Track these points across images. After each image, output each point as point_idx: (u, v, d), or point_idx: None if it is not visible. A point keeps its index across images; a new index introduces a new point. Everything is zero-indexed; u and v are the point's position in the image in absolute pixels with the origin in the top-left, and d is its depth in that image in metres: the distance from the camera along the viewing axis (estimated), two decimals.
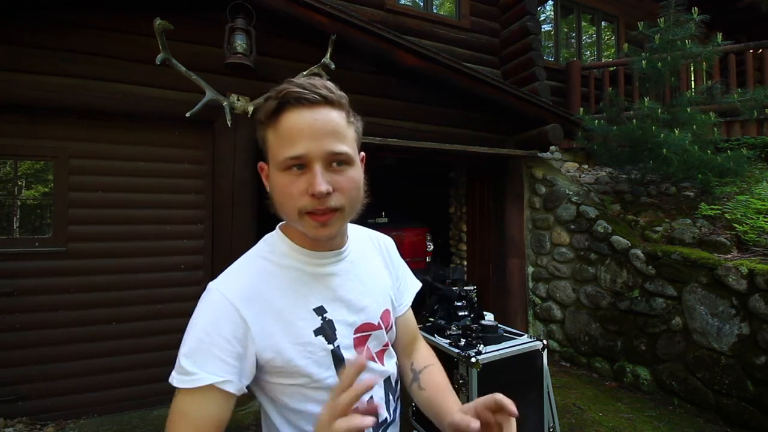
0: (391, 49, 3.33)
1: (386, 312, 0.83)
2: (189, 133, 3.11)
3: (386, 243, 0.93)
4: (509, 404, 0.58)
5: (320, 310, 0.72)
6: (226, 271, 0.72)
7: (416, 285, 0.96)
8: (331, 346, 0.71)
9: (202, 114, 2.86)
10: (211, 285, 0.68)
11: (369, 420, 0.51)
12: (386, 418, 0.79)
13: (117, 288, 2.90)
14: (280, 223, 0.78)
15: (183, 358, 0.62)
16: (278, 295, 0.69)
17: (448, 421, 0.73)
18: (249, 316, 0.65)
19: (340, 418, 0.51)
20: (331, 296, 0.74)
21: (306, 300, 0.71)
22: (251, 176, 3.14)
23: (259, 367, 0.68)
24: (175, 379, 0.62)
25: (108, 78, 2.82)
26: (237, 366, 0.64)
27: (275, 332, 0.67)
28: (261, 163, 0.71)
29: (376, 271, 0.85)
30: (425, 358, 0.94)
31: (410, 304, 0.94)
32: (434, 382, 0.87)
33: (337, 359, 0.72)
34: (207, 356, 0.61)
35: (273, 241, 0.76)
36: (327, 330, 0.71)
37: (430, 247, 5.42)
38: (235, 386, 0.63)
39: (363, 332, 0.78)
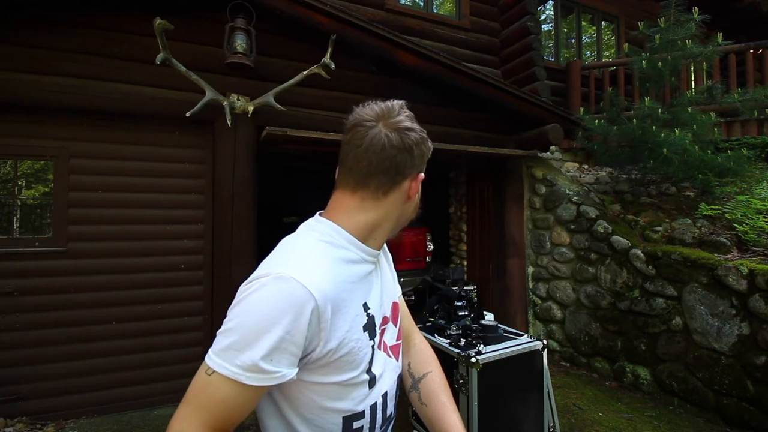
0: (392, 49, 3.33)
1: (395, 305, 0.87)
2: (189, 133, 3.11)
3: None
4: None
5: (366, 306, 0.73)
6: (290, 256, 0.67)
7: (395, 275, 1.01)
8: (372, 342, 0.73)
9: (202, 114, 2.86)
10: (286, 273, 0.62)
11: None
12: (391, 414, 0.81)
13: (117, 288, 2.90)
14: (323, 212, 0.77)
15: (262, 360, 0.59)
16: (343, 288, 0.68)
17: None
18: (326, 311, 0.63)
19: None
20: (372, 292, 0.76)
21: (358, 295, 0.72)
22: (251, 176, 3.14)
23: (310, 361, 0.65)
24: (246, 377, 0.59)
25: (108, 78, 2.82)
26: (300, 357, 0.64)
27: (340, 327, 0.66)
28: (423, 175, 0.78)
29: (385, 268, 0.89)
30: (424, 360, 0.94)
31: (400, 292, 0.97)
32: (436, 399, 0.87)
33: (372, 354, 0.74)
34: (284, 354, 0.60)
35: (327, 231, 0.72)
36: (371, 326, 0.73)
37: (430, 247, 5.42)
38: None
39: (382, 325, 0.80)
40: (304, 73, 3.02)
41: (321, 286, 0.63)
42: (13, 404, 2.66)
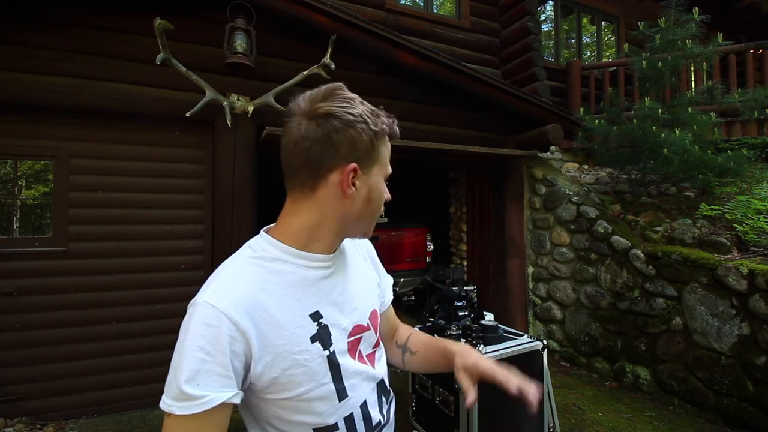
0: (392, 49, 3.33)
1: (374, 312, 0.84)
2: (189, 133, 3.10)
3: (365, 244, 0.93)
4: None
5: (316, 316, 0.70)
6: (212, 281, 0.67)
7: (391, 279, 0.99)
8: (326, 352, 0.69)
9: (202, 114, 2.86)
10: (200, 299, 0.62)
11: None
12: (380, 421, 0.78)
13: (117, 288, 2.90)
14: (266, 228, 0.76)
15: (185, 384, 0.58)
16: (273, 302, 0.66)
17: (457, 361, 0.81)
18: (247, 327, 0.61)
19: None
20: (326, 300, 0.72)
21: (301, 305, 0.69)
22: (251, 176, 3.14)
23: (253, 380, 0.65)
24: (177, 407, 0.58)
25: (108, 78, 2.82)
26: (239, 376, 0.62)
27: (272, 342, 0.64)
28: (356, 165, 0.68)
29: (361, 272, 0.85)
30: (405, 330, 1.00)
31: (392, 298, 0.98)
32: (422, 341, 0.95)
33: (333, 365, 0.70)
34: (211, 376, 0.59)
35: (261, 245, 0.71)
36: (323, 335, 0.70)
37: (430, 247, 5.42)
38: (240, 396, 0.63)
39: (355, 335, 0.76)
40: (304, 73, 3.02)
41: (235, 304, 0.62)
42: (13, 404, 2.65)
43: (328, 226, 0.71)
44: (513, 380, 0.75)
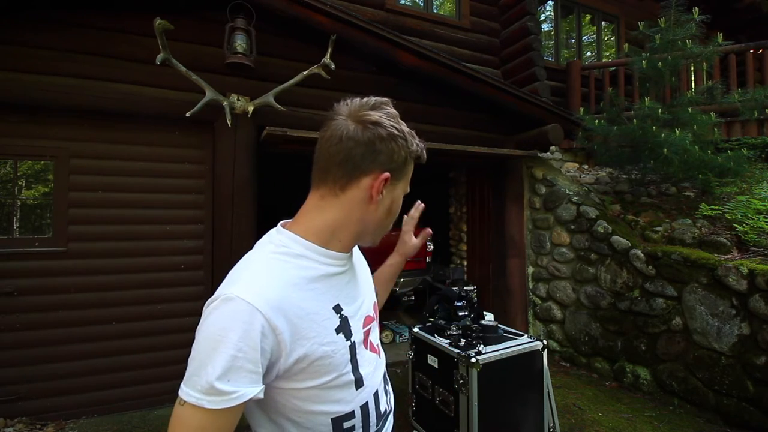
0: (392, 49, 3.33)
1: (375, 303, 0.90)
2: (189, 133, 3.10)
3: None
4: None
5: (338, 308, 0.73)
6: (241, 275, 0.67)
7: None
8: (348, 343, 0.73)
9: (202, 114, 2.86)
10: (232, 293, 0.63)
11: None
12: (386, 409, 0.83)
13: (117, 288, 2.90)
14: (283, 222, 0.77)
15: (217, 381, 0.59)
16: (302, 296, 0.68)
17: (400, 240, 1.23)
18: (280, 323, 0.63)
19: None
20: (343, 293, 0.76)
21: (324, 298, 0.72)
22: (251, 176, 3.14)
23: (280, 372, 0.66)
24: (207, 401, 0.59)
25: (108, 78, 2.82)
26: (264, 372, 0.64)
27: (305, 335, 0.66)
28: (389, 175, 0.72)
29: (363, 267, 0.92)
30: None
31: None
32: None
33: (353, 355, 0.74)
34: (241, 372, 0.60)
35: (284, 241, 0.73)
36: (344, 327, 0.73)
37: (430, 247, 5.41)
38: (263, 390, 0.64)
39: (367, 326, 0.81)
40: (304, 73, 3.02)
41: (269, 300, 0.63)
42: (13, 404, 2.66)
43: (350, 228, 0.75)
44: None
